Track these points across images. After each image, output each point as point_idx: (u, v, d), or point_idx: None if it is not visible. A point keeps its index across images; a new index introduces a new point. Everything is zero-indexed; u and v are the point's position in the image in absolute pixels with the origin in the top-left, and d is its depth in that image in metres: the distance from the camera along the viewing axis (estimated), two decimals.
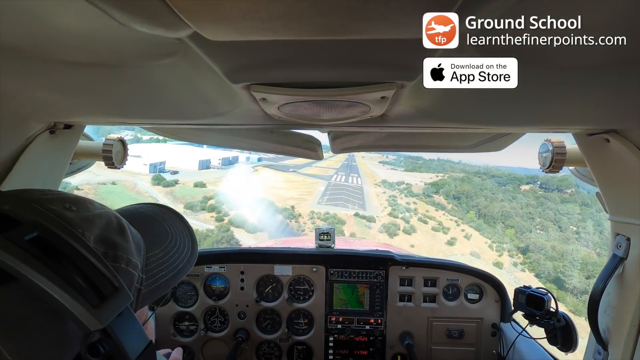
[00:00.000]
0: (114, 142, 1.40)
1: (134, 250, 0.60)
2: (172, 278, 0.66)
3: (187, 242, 0.74)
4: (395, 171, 77.69)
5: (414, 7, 0.40)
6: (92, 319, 0.44)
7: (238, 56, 0.61)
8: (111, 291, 0.48)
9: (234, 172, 57.09)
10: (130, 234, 0.61)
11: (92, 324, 0.44)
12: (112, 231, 0.57)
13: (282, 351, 2.04)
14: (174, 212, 0.79)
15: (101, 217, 0.58)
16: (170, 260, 0.67)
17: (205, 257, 2.05)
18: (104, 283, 0.48)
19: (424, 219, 47.50)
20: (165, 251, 0.67)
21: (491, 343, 1.96)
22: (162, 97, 0.91)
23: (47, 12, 0.56)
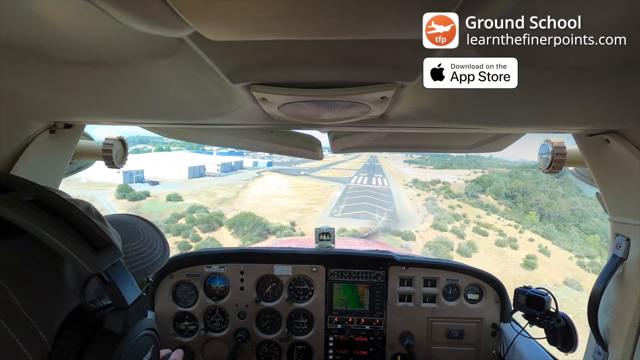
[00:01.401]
0: (114, 141, 1.40)
1: (113, 235, 0.65)
2: (148, 267, 0.73)
3: (159, 241, 0.81)
4: (425, 169, 68.77)
5: (414, 7, 0.40)
6: (92, 262, 0.50)
7: (238, 56, 0.61)
8: (104, 245, 0.54)
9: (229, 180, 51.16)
10: (107, 223, 0.67)
11: (92, 267, 0.50)
12: (92, 216, 0.62)
13: (282, 351, 2.04)
14: (145, 220, 0.87)
15: (83, 203, 0.64)
16: (146, 253, 0.74)
17: (205, 257, 2.05)
18: (97, 239, 0.53)
19: (481, 228, 35.61)
20: (139, 245, 0.74)
21: (491, 343, 1.96)
22: (163, 97, 0.91)
23: (48, 12, 0.56)
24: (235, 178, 54.01)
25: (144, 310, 0.58)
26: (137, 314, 0.56)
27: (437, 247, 28.98)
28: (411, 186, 52.96)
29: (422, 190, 50.79)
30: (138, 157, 57.40)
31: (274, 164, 69.93)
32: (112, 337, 0.52)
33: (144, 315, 0.58)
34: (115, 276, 0.53)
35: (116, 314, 0.53)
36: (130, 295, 0.55)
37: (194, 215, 33.00)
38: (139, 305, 0.56)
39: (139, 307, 0.56)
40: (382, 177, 63.56)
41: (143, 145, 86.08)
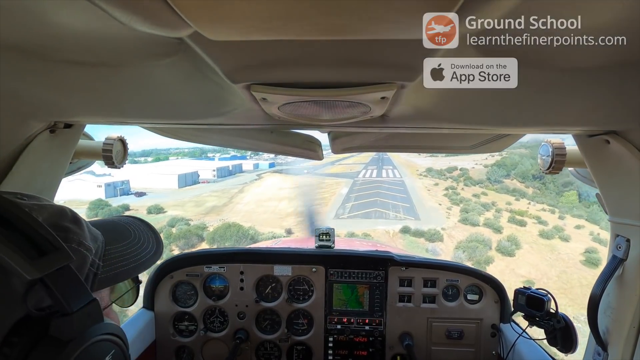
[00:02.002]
0: (114, 141, 1.40)
1: (89, 237, 0.64)
2: (133, 268, 0.72)
3: (152, 241, 0.80)
4: (436, 158, 63.04)
5: (414, 7, 0.40)
6: (28, 268, 0.49)
7: (238, 56, 0.61)
8: (51, 250, 0.52)
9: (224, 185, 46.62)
10: (86, 226, 0.66)
11: (28, 272, 0.48)
12: (65, 220, 0.62)
13: (282, 351, 2.04)
14: (140, 219, 0.86)
15: (53, 207, 0.62)
16: (133, 254, 0.73)
17: (204, 257, 2.05)
18: (44, 244, 0.52)
19: (517, 217, 29.23)
20: (126, 246, 0.73)
21: (491, 344, 1.96)
22: (163, 97, 0.91)
23: (48, 12, 0.56)
24: (232, 183, 49.91)
25: (97, 315, 0.57)
26: (87, 319, 0.55)
27: (472, 247, 21.78)
28: (426, 175, 47.59)
29: (439, 179, 44.69)
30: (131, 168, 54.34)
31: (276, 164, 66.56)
32: (57, 342, 0.51)
33: (97, 321, 0.57)
34: (60, 281, 0.52)
35: (60, 320, 0.52)
36: (76, 300, 0.53)
37: (172, 229, 27.98)
38: (89, 310, 0.55)
39: (89, 312, 0.55)
40: (392, 168, 59.43)
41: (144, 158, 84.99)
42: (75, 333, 0.53)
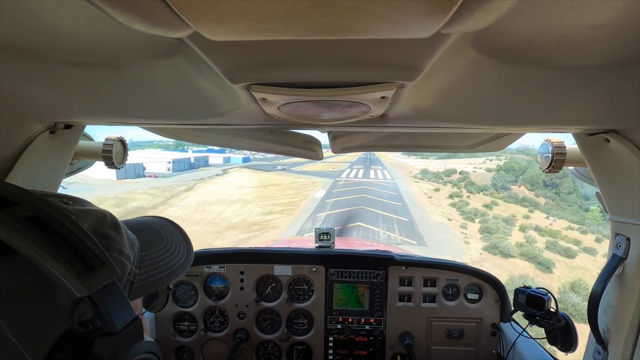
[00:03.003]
0: (114, 142, 1.40)
1: (127, 245, 0.64)
2: (165, 277, 0.71)
3: (183, 247, 0.79)
4: (428, 160, 59.97)
5: (414, 7, 0.40)
6: (78, 285, 0.48)
7: (238, 56, 0.61)
8: (98, 265, 0.52)
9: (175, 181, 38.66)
10: (125, 232, 0.65)
11: (78, 290, 0.48)
12: (105, 225, 0.61)
13: (282, 351, 2.04)
14: (171, 222, 0.85)
15: (96, 212, 0.62)
16: (165, 261, 0.72)
17: (204, 257, 2.05)
18: (92, 258, 0.52)
19: (559, 243, 21.19)
20: (159, 253, 0.72)
21: (491, 343, 1.96)
22: (162, 98, 0.91)
23: (47, 12, 0.56)
24: (188, 178, 42.35)
25: (138, 334, 0.56)
26: (129, 338, 0.54)
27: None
28: (422, 178, 41.20)
29: (438, 184, 37.36)
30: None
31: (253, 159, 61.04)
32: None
33: (138, 339, 0.56)
34: (106, 298, 0.51)
35: (104, 339, 0.51)
36: (121, 319, 0.53)
37: None
38: (131, 329, 0.54)
39: (131, 331, 0.54)
40: (381, 168, 53.06)
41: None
42: (118, 353, 0.52)
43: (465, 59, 0.67)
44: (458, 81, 0.76)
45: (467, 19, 0.43)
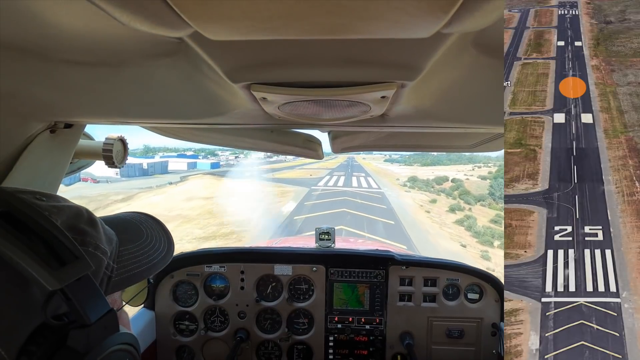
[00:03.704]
0: (114, 141, 1.39)
1: (104, 240, 0.64)
2: (145, 270, 0.72)
3: (164, 241, 0.79)
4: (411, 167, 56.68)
5: (414, 7, 0.40)
6: (49, 278, 0.48)
7: (238, 56, 0.61)
8: (71, 259, 0.52)
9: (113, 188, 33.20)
10: (102, 227, 0.65)
11: (50, 283, 0.48)
12: (81, 221, 0.61)
13: (282, 351, 2.04)
14: (152, 217, 0.85)
15: (71, 208, 0.62)
16: (145, 255, 0.72)
17: (205, 256, 2.05)
18: (64, 252, 0.52)
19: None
20: (139, 247, 0.73)
21: (491, 343, 1.96)
22: (163, 97, 0.91)
23: (48, 12, 0.56)
24: (134, 185, 37.23)
25: (113, 326, 0.57)
26: (104, 330, 0.54)
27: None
28: (412, 187, 36.05)
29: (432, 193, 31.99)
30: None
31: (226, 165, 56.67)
32: (74, 354, 0.51)
33: (113, 331, 0.56)
34: (79, 291, 0.51)
35: (78, 331, 0.52)
36: (95, 311, 0.53)
37: None
38: (106, 321, 0.54)
39: (106, 323, 0.54)
40: (364, 176, 47.05)
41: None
42: (93, 344, 0.52)
43: (466, 59, 0.67)
44: (458, 81, 0.76)
45: (468, 18, 0.43)
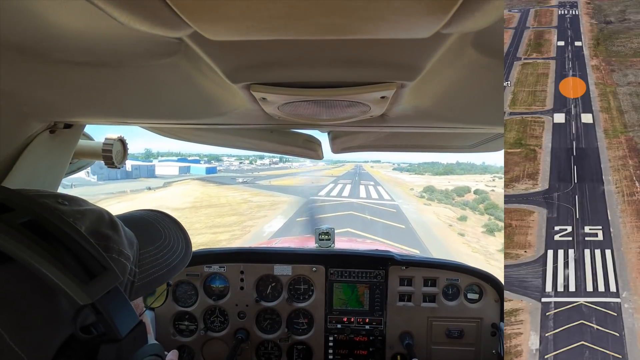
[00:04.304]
0: (114, 141, 1.39)
1: (126, 244, 0.62)
2: (165, 274, 0.69)
3: (182, 243, 0.77)
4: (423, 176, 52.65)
5: (413, 7, 0.40)
6: (81, 293, 0.46)
7: (238, 56, 0.61)
8: (100, 271, 0.50)
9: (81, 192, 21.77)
10: (123, 230, 0.64)
11: (81, 298, 0.47)
12: (103, 225, 0.60)
13: (282, 351, 2.04)
14: (168, 216, 0.82)
15: (93, 212, 0.61)
16: (164, 258, 0.70)
17: (204, 256, 2.05)
18: (93, 263, 0.50)
19: None
20: (158, 249, 0.70)
21: (491, 343, 1.96)
22: (162, 97, 0.91)
23: (47, 12, 0.56)
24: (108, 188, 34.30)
25: (143, 338, 0.56)
26: (134, 343, 0.53)
27: None
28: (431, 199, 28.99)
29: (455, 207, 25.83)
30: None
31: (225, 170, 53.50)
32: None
33: (142, 343, 0.55)
34: (109, 304, 0.50)
35: (109, 346, 0.50)
36: (125, 324, 0.52)
37: None
38: (136, 333, 0.53)
39: (135, 336, 0.53)
40: (373, 185, 41.22)
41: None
42: (123, 358, 0.51)
43: (466, 59, 0.67)
44: (458, 81, 0.76)
45: (468, 19, 0.43)
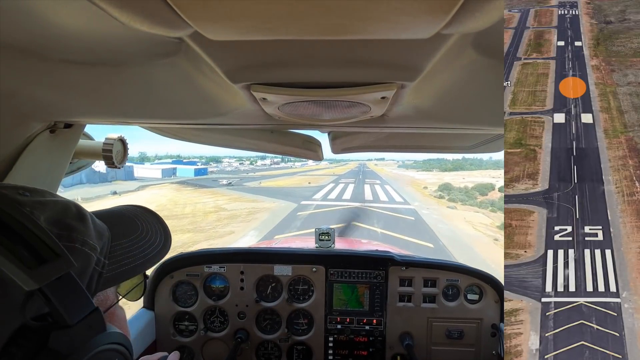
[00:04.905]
0: (114, 141, 1.39)
1: (94, 235, 0.62)
2: (140, 265, 0.70)
3: (160, 235, 0.77)
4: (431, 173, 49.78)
5: (414, 7, 0.40)
6: (26, 279, 0.46)
7: (238, 56, 0.61)
8: (52, 257, 0.50)
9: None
10: (92, 222, 0.63)
11: (26, 283, 0.46)
12: (69, 216, 0.60)
13: (282, 351, 2.04)
14: (149, 210, 0.82)
15: (57, 204, 0.60)
16: (140, 250, 0.70)
17: (204, 257, 2.05)
18: (44, 250, 0.50)
19: None
20: (132, 241, 0.70)
21: (491, 344, 1.96)
22: (163, 97, 0.91)
23: (48, 12, 0.56)
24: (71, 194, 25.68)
25: (99, 325, 0.55)
26: (88, 330, 0.52)
27: None
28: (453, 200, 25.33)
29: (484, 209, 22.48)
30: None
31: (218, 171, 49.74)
32: (57, 356, 0.49)
33: (99, 331, 0.54)
34: (59, 291, 0.49)
35: (60, 332, 0.50)
36: (77, 311, 0.51)
37: None
38: (90, 321, 0.52)
39: (90, 322, 0.52)
40: (380, 183, 36.39)
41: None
42: (76, 346, 0.51)
43: (466, 60, 0.67)
44: (458, 82, 0.76)
45: (468, 19, 0.43)
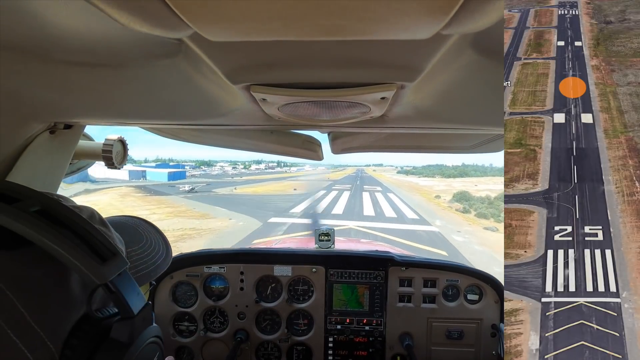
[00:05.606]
0: (114, 142, 1.39)
1: (117, 240, 0.67)
2: (152, 271, 0.74)
3: (162, 245, 0.82)
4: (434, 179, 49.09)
5: (414, 8, 0.40)
6: (98, 273, 0.50)
7: (238, 57, 0.61)
8: (110, 255, 0.54)
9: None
10: (112, 228, 0.68)
11: (98, 277, 0.50)
12: (96, 222, 0.63)
13: (282, 352, 2.04)
14: (146, 221, 0.87)
15: (87, 209, 0.64)
16: (149, 257, 0.75)
17: (204, 257, 2.05)
18: (102, 249, 0.54)
19: None
20: (142, 249, 0.75)
21: (491, 344, 1.96)
22: (163, 98, 0.91)
23: (48, 12, 0.56)
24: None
25: (150, 319, 0.59)
26: (143, 322, 0.56)
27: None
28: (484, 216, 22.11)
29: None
30: None
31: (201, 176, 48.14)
32: (119, 346, 0.52)
33: (149, 323, 0.58)
34: (121, 285, 0.53)
35: (122, 324, 0.53)
36: (136, 304, 0.55)
37: None
38: (144, 313, 0.56)
39: (144, 315, 0.56)
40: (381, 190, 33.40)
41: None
42: (135, 335, 0.54)
43: (466, 60, 0.67)
44: (458, 82, 0.76)
45: (468, 19, 0.43)
